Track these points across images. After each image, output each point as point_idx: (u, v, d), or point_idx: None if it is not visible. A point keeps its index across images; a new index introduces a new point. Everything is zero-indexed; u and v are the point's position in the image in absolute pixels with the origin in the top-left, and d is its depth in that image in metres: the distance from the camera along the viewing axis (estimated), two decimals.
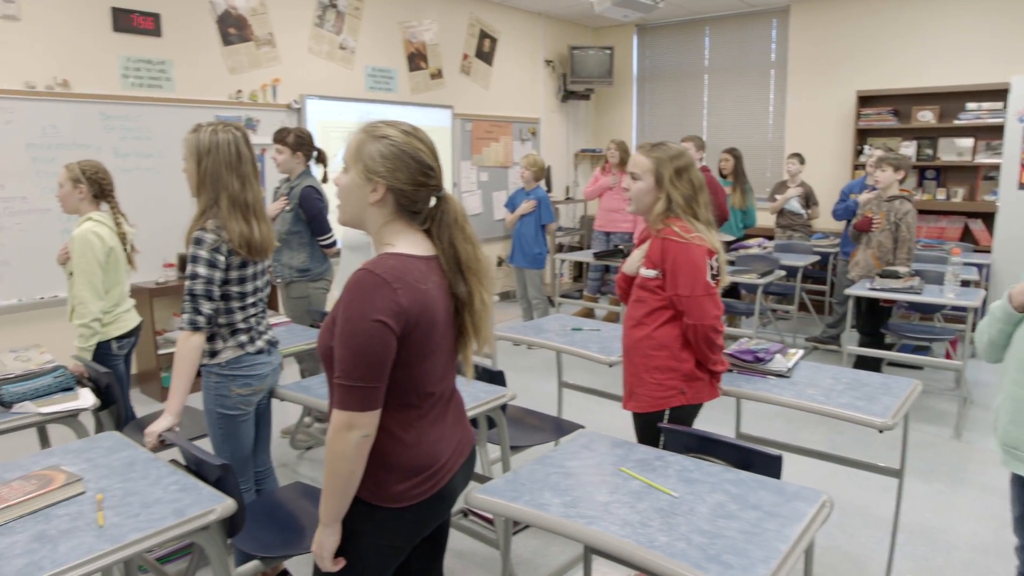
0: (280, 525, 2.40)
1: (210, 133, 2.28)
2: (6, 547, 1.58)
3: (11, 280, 4.60)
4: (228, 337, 2.35)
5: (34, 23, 4.60)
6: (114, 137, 4.95)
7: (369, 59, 6.53)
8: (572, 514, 1.73)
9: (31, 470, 1.94)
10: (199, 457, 1.96)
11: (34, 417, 2.41)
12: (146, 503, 1.76)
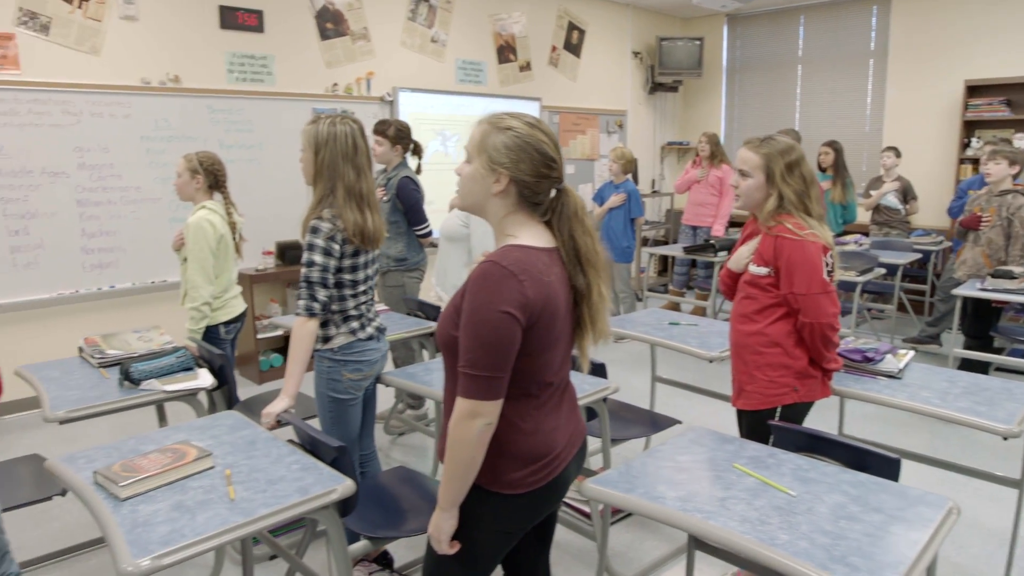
0: (385, 507, 2.46)
1: (328, 124, 2.35)
2: (150, 514, 1.68)
3: (126, 265, 4.87)
4: (340, 324, 2.43)
5: (150, 23, 4.83)
6: (219, 129, 5.16)
7: (459, 52, 6.60)
8: (689, 508, 1.72)
9: (163, 444, 2.06)
10: (316, 438, 2.04)
11: (159, 394, 2.55)
12: (271, 480, 1.84)
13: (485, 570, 1.78)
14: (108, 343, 2.96)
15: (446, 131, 6.42)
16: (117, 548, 1.55)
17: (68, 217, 4.63)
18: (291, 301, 5.53)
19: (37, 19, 4.43)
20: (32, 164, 4.46)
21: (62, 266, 4.63)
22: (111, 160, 4.75)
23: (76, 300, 4.70)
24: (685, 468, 1.94)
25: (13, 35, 4.36)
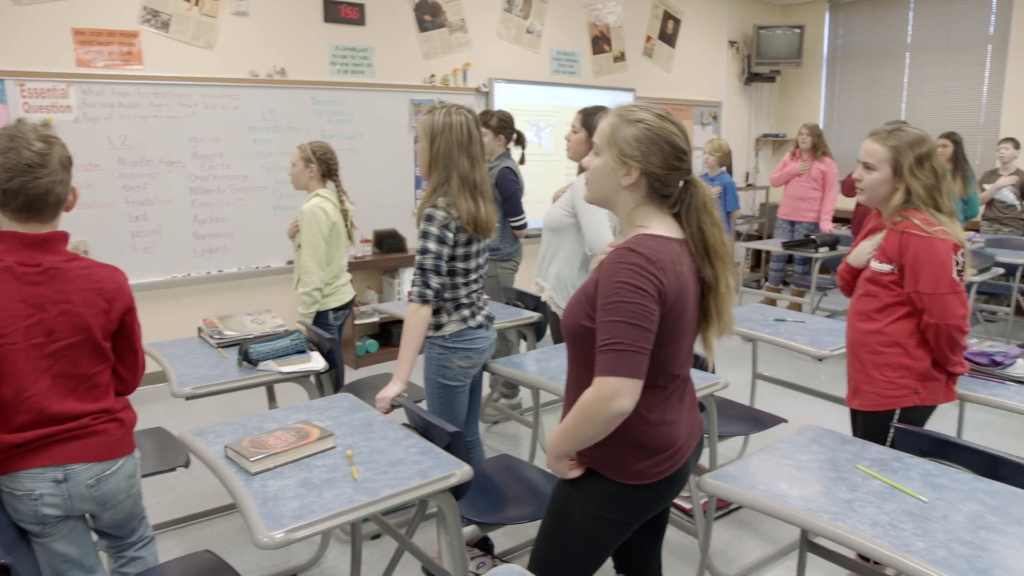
0: (489, 494, 2.49)
1: (444, 114, 2.38)
2: (280, 489, 1.75)
3: (233, 250, 5.08)
4: (452, 311, 2.47)
5: (259, 17, 5.01)
6: (322, 120, 5.32)
7: (554, 42, 6.58)
8: (814, 508, 1.67)
9: (285, 423, 2.14)
10: (431, 423, 2.08)
11: (275, 375, 2.65)
12: (391, 462, 1.89)
13: (597, 560, 1.78)
14: (225, 324, 3.10)
15: (540, 122, 6.42)
16: (252, 520, 1.62)
17: (182, 204, 4.86)
18: (387, 289, 5.66)
19: (159, 17, 4.66)
20: (151, 154, 4.70)
21: (176, 251, 4.87)
22: (221, 150, 4.96)
23: (187, 283, 4.93)
24: (806, 467, 1.89)
25: (137, 33, 4.59)
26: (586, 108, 3.14)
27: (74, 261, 1.77)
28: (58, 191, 1.72)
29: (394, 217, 5.73)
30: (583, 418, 1.54)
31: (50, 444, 1.73)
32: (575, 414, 1.56)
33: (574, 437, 1.58)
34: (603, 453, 1.64)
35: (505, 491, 2.53)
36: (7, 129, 1.68)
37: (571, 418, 1.57)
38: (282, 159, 5.11)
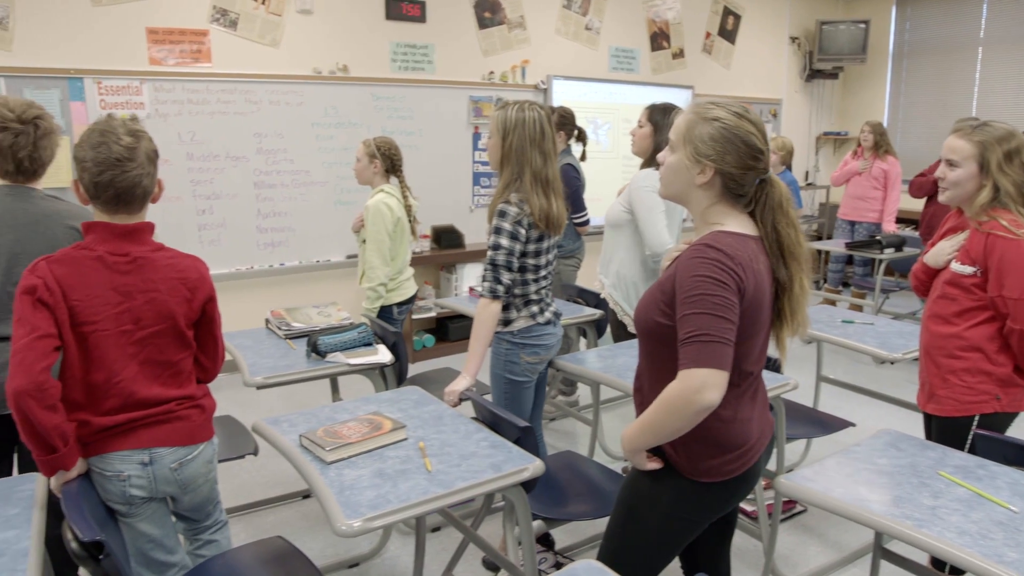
0: (554, 490, 2.49)
1: (516, 110, 2.39)
2: (355, 479, 1.78)
3: (295, 244, 5.18)
4: (522, 307, 2.48)
5: (323, 15, 5.09)
6: (382, 116, 5.38)
7: (613, 39, 6.54)
8: (897, 514, 1.63)
9: (356, 414, 2.17)
10: (501, 417, 2.08)
11: (343, 367, 2.69)
12: (463, 455, 1.90)
13: (664, 558, 1.77)
14: (292, 316, 3.16)
15: (598, 119, 6.39)
16: (330, 508, 1.65)
17: (246, 198, 4.97)
18: (444, 284, 5.70)
19: (227, 16, 4.77)
20: (218, 149, 4.82)
21: (240, 244, 4.98)
22: (285, 145, 5.05)
23: (250, 276, 5.04)
24: (885, 472, 1.85)
25: (207, 31, 4.71)
26: (653, 104, 3.11)
27: (160, 251, 1.83)
28: (145, 184, 1.77)
29: (452, 213, 5.77)
30: (668, 411, 1.52)
31: (137, 428, 1.79)
32: (658, 407, 1.54)
33: (656, 431, 1.57)
34: (675, 449, 1.63)
35: (569, 487, 2.53)
36: (98, 124, 1.74)
37: (653, 411, 1.55)
38: (343, 155, 5.19)
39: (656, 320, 1.60)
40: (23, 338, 1.61)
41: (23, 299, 1.65)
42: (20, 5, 4.18)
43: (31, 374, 1.58)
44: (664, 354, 1.63)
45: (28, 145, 2.15)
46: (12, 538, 1.58)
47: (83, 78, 4.32)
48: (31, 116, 2.15)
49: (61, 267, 1.70)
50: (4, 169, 2.19)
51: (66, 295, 1.68)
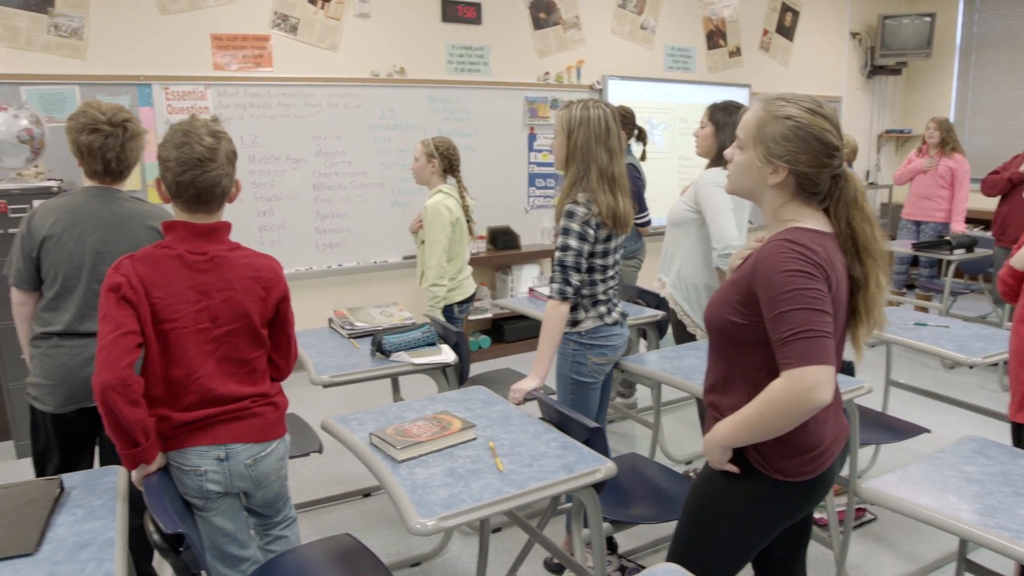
0: (619, 492, 2.45)
1: (581, 109, 2.37)
2: (427, 478, 1.77)
3: (352, 245, 5.24)
4: (589, 308, 2.45)
5: (380, 19, 5.14)
6: (438, 118, 5.41)
7: (668, 38, 6.47)
8: (991, 524, 1.56)
9: (424, 413, 2.17)
10: (569, 417, 2.06)
11: (408, 366, 2.70)
12: (534, 456, 1.89)
13: (736, 564, 1.72)
14: (355, 316, 3.19)
15: (653, 119, 6.32)
16: (403, 507, 1.65)
17: (305, 200, 5.04)
18: (500, 285, 5.70)
19: (288, 21, 4.85)
20: (279, 151, 4.90)
21: (299, 245, 5.06)
22: (343, 148, 5.12)
23: (309, 276, 5.12)
24: (975, 480, 1.77)
25: (268, 36, 4.80)
26: (715, 103, 3.06)
27: (236, 250, 1.86)
28: (224, 184, 1.81)
29: (508, 215, 5.77)
30: (775, 411, 1.46)
31: (214, 424, 1.82)
32: (763, 407, 1.48)
33: (758, 430, 1.52)
34: (751, 448, 1.58)
35: (633, 490, 2.49)
36: (182, 124, 1.78)
37: (756, 410, 1.50)
38: (400, 156, 5.24)
39: (729, 319, 1.56)
40: (108, 334, 1.65)
41: (108, 296, 1.69)
42: (94, 16, 4.32)
43: (116, 369, 1.61)
44: (738, 354, 1.59)
45: (116, 147, 2.22)
46: (98, 528, 1.62)
47: (151, 84, 4.45)
48: (120, 119, 2.23)
49: (143, 265, 1.74)
50: (93, 170, 2.26)
51: (148, 292, 1.72)
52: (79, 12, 4.29)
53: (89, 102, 2.24)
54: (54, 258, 2.22)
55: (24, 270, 2.25)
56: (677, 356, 2.76)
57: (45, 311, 2.29)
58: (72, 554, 1.52)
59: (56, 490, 1.75)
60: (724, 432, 1.58)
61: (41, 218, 2.23)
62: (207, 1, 4.59)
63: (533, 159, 5.88)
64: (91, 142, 2.18)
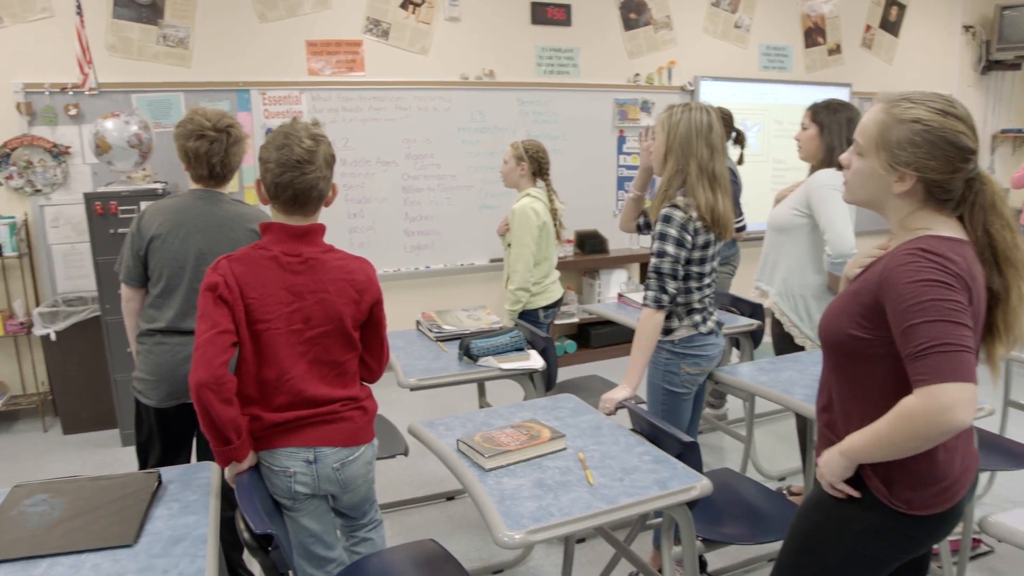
0: (711, 509, 2.35)
1: (683, 109, 2.29)
2: (515, 488, 1.73)
3: (440, 247, 5.27)
4: (684, 316, 2.36)
5: (470, 22, 5.16)
6: (527, 121, 5.38)
7: (763, 37, 6.24)
8: None
9: (512, 420, 2.13)
10: (662, 430, 1.98)
11: (496, 371, 2.66)
12: (626, 469, 1.81)
13: None
14: (443, 319, 3.18)
15: (746, 121, 6.11)
16: (491, 518, 1.61)
17: (394, 202, 5.11)
18: (587, 290, 5.63)
19: (379, 26, 4.92)
20: (369, 154, 4.98)
21: (387, 246, 5.13)
22: (432, 150, 5.16)
23: (397, 278, 5.17)
24: None
25: (361, 42, 4.88)
26: (816, 103, 2.90)
27: (330, 252, 1.87)
28: (321, 187, 1.81)
29: (596, 218, 5.69)
30: (906, 429, 1.34)
31: (304, 426, 1.82)
32: (896, 424, 1.36)
33: (886, 447, 1.39)
34: (873, 473, 1.46)
35: (726, 508, 2.38)
36: (284, 127, 1.80)
37: (888, 426, 1.37)
38: (489, 159, 5.24)
39: (850, 333, 1.45)
40: (204, 333, 1.68)
41: (206, 295, 1.72)
42: (198, 26, 4.50)
43: (211, 367, 1.64)
44: (859, 371, 1.47)
45: (220, 152, 2.29)
46: (192, 523, 1.65)
47: (250, 90, 4.59)
48: (224, 125, 2.29)
49: (240, 265, 1.77)
50: (198, 174, 2.34)
51: (243, 293, 1.74)
52: (185, 23, 4.48)
53: (195, 109, 2.32)
54: (160, 257, 2.30)
55: (132, 267, 2.34)
56: (774, 368, 2.63)
57: (150, 308, 2.37)
58: (167, 548, 1.55)
59: (154, 483, 1.80)
60: (851, 444, 1.45)
61: (150, 218, 2.32)
62: (303, 8, 4.71)
63: (622, 162, 5.78)
64: (197, 147, 2.25)
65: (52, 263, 4.44)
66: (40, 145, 4.29)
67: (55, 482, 1.83)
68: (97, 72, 4.30)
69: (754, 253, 5.60)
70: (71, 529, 1.61)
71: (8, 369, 4.51)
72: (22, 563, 1.51)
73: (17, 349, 4.49)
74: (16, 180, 4.29)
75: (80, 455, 4.01)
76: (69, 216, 4.39)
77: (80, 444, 4.16)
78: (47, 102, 4.29)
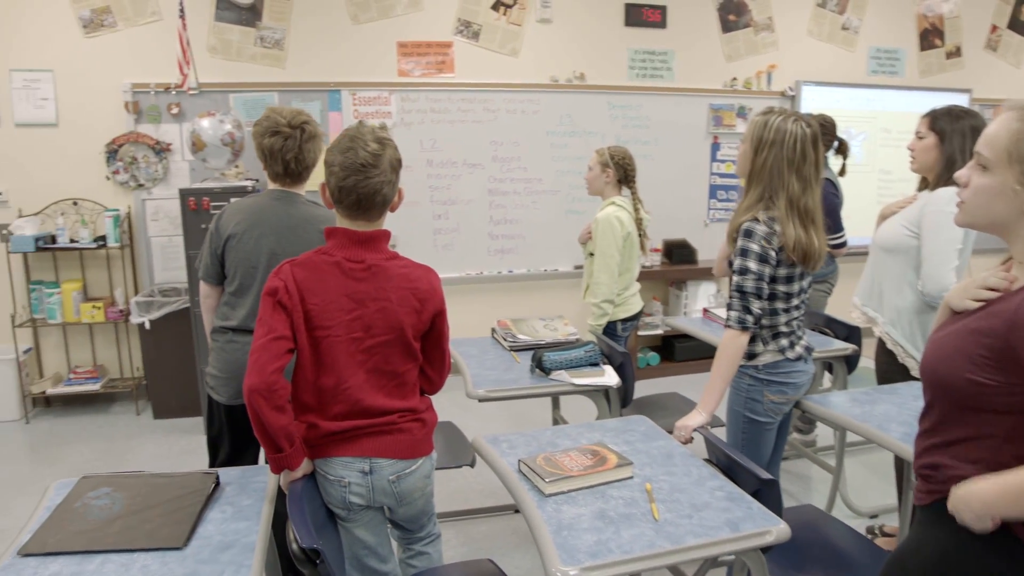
0: (790, 551, 2.17)
1: (779, 120, 2.10)
2: (574, 518, 1.63)
3: (523, 252, 5.20)
4: (769, 340, 2.19)
5: (562, 24, 5.07)
6: (617, 125, 5.25)
7: (874, 39, 5.88)
8: None
9: (579, 441, 2.03)
10: (739, 464, 1.83)
11: (567, 386, 2.57)
12: (695, 505, 1.68)
13: None
14: (518, 328, 3.11)
15: (851, 129, 5.77)
16: (546, 550, 1.52)
17: (480, 205, 5.07)
18: (673, 301, 5.44)
19: (470, 27, 4.90)
20: (456, 156, 4.96)
21: (471, 250, 5.10)
22: (519, 153, 5.10)
23: (479, 281, 5.14)
24: None
25: (451, 43, 4.87)
26: (935, 109, 2.64)
27: (393, 260, 1.81)
28: (385, 191, 1.75)
29: (686, 227, 5.49)
30: None
31: (360, 436, 1.78)
32: None
33: None
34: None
35: (807, 550, 2.19)
36: (350, 130, 1.76)
37: None
38: (576, 163, 5.14)
39: (970, 378, 1.26)
40: (260, 338, 1.66)
41: (266, 300, 1.70)
42: (293, 27, 4.59)
43: (264, 374, 1.61)
44: (975, 418, 1.28)
45: (294, 148, 2.28)
46: (243, 529, 1.63)
47: (341, 90, 4.65)
48: (299, 122, 2.29)
49: (303, 270, 1.73)
50: (274, 172, 2.35)
51: (304, 298, 1.71)
52: (282, 25, 4.58)
53: (272, 108, 2.32)
54: (234, 256, 2.32)
55: (210, 265, 2.37)
56: (870, 400, 2.41)
57: (224, 306, 2.40)
58: (215, 554, 1.53)
59: (212, 485, 1.79)
60: (985, 495, 1.25)
61: (228, 217, 2.34)
62: (395, 10, 4.73)
63: (715, 169, 5.56)
64: (272, 144, 2.26)
65: (151, 255, 4.62)
66: (144, 142, 4.47)
67: (119, 476, 1.85)
68: (198, 72, 4.45)
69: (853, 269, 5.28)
70: (127, 526, 1.62)
71: (108, 354, 4.72)
72: (79, 557, 1.52)
73: (117, 335, 4.71)
74: (122, 175, 4.49)
75: (167, 440, 4.15)
76: (167, 210, 4.56)
77: (168, 429, 4.31)
78: (152, 101, 4.47)
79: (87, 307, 4.41)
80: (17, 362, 4.38)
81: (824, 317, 3.31)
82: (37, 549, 1.55)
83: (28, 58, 4.33)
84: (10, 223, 4.32)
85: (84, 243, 4.34)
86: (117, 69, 4.42)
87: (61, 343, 4.67)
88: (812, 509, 2.37)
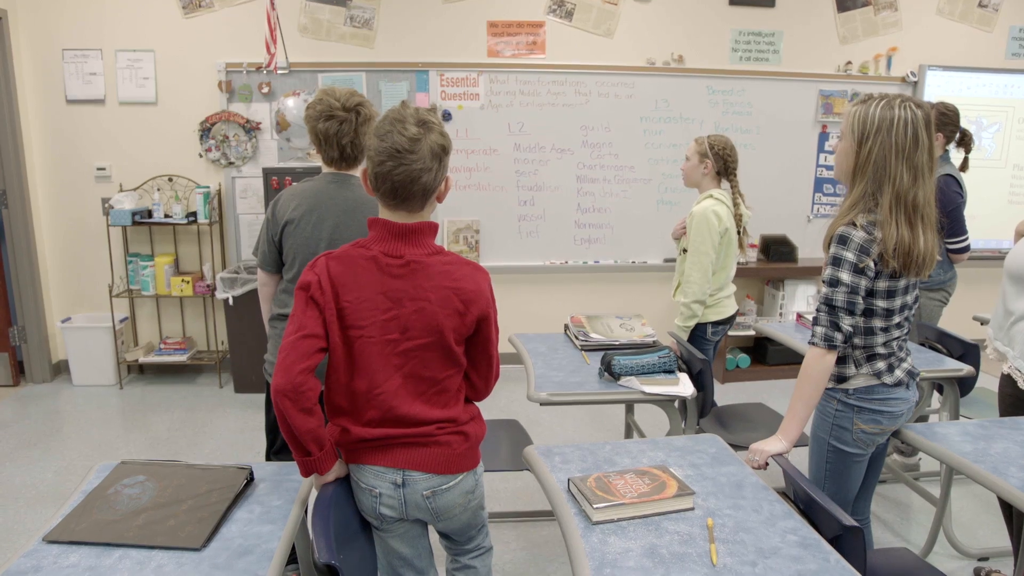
0: None
1: (883, 107, 1.81)
2: (621, 552, 1.45)
3: (611, 242, 4.98)
4: (863, 362, 1.91)
5: (661, 3, 4.80)
6: (716, 111, 4.93)
7: (1017, 17, 5.28)
8: None
9: (639, 460, 1.84)
10: (819, 504, 1.60)
11: (637, 394, 2.37)
12: (762, 551, 1.47)
13: None
14: (592, 326, 2.92)
15: (982, 119, 5.22)
16: None
17: (567, 192, 4.89)
18: (768, 301, 5.10)
19: (563, 6, 4.69)
20: (545, 141, 4.79)
21: (556, 238, 4.92)
22: (610, 139, 4.87)
23: (563, 271, 4.96)
24: None
25: (543, 23, 4.68)
26: None
27: (437, 255, 1.65)
28: (424, 180, 1.58)
29: (787, 223, 5.13)
30: None
31: (394, 446, 1.65)
32: None
33: None
34: None
35: None
36: (392, 111, 1.60)
37: None
38: (671, 151, 4.87)
39: None
40: (290, 335, 1.55)
41: (299, 295, 1.58)
42: (383, 6, 4.52)
43: (290, 374, 1.50)
44: None
45: (350, 132, 2.19)
46: (266, 534, 1.53)
47: (428, 70, 4.55)
48: (353, 104, 2.19)
49: (338, 265, 1.61)
50: (329, 156, 2.26)
51: (338, 295, 1.58)
52: (371, 4, 4.51)
53: (325, 90, 2.22)
54: (293, 242, 2.24)
55: (268, 252, 2.30)
56: (987, 434, 2.09)
57: (283, 293, 2.33)
58: (231, 560, 1.44)
59: (243, 481, 1.71)
60: None
61: (285, 203, 2.26)
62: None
63: (823, 161, 5.15)
64: (327, 129, 2.16)
65: (238, 231, 4.69)
66: (236, 121, 4.52)
67: (156, 464, 1.80)
68: (288, 52, 4.45)
69: (975, 274, 4.81)
70: (151, 520, 1.56)
71: (196, 327, 4.85)
72: (99, 549, 1.47)
73: (204, 309, 4.82)
74: (214, 152, 4.56)
75: (244, 415, 4.21)
76: (255, 188, 4.61)
77: (246, 404, 4.37)
78: (244, 80, 4.51)
79: (177, 280, 4.53)
80: (114, 330, 4.54)
81: (936, 331, 2.96)
82: (61, 537, 1.51)
83: (132, 39, 4.45)
84: (111, 197, 4.47)
85: (177, 218, 4.45)
86: (212, 49, 4.48)
87: (154, 314, 4.82)
88: (906, 554, 2.09)
